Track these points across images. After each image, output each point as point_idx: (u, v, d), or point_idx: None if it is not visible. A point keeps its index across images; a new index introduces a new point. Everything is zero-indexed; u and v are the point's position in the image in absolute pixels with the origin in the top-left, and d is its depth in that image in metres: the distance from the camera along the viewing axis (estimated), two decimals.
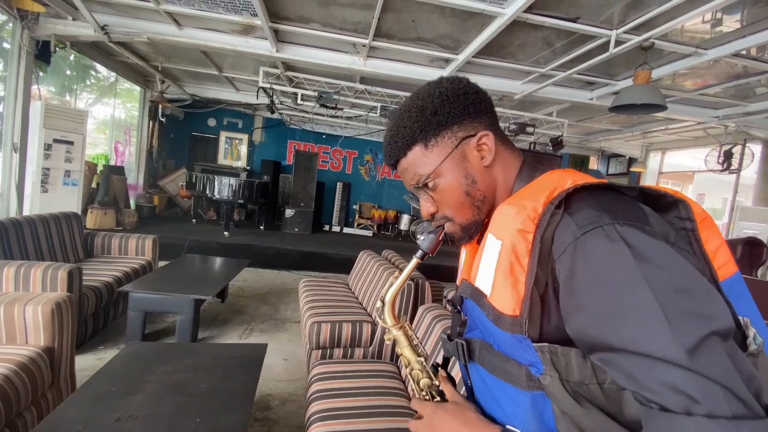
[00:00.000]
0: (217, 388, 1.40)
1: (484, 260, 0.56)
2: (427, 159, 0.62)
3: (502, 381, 0.54)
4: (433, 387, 0.68)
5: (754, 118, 4.98)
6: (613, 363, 0.43)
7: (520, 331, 0.49)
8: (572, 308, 0.47)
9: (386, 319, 0.71)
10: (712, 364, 0.38)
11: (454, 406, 0.62)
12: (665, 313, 0.40)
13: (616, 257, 0.44)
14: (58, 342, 1.66)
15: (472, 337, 0.62)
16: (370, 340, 2.49)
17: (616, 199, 0.50)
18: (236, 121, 8.76)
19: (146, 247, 3.51)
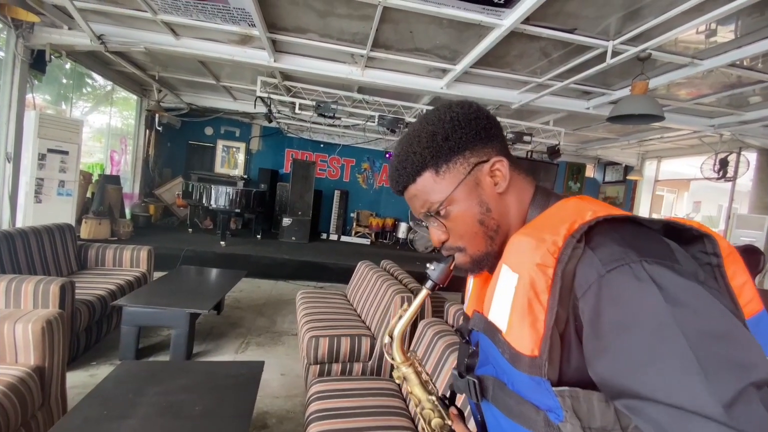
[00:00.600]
0: (211, 411, 1.36)
1: (498, 293, 0.53)
2: (438, 186, 0.59)
3: (517, 423, 0.51)
4: (446, 427, 0.64)
5: (749, 127, 5.02)
6: (642, 412, 0.40)
7: (539, 374, 0.46)
8: (597, 351, 0.43)
9: (395, 355, 0.67)
10: (749, 420, 0.35)
11: None
12: (700, 363, 0.37)
13: (646, 299, 0.41)
14: (48, 361, 1.61)
15: (484, 374, 0.58)
16: (369, 355, 2.45)
17: (641, 233, 0.48)
18: (233, 129, 8.74)
19: (141, 258, 3.46)
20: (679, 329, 0.38)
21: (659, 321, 0.40)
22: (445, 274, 0.62)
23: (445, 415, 0.65)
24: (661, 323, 0.39)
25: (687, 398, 0.37)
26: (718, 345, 0.38)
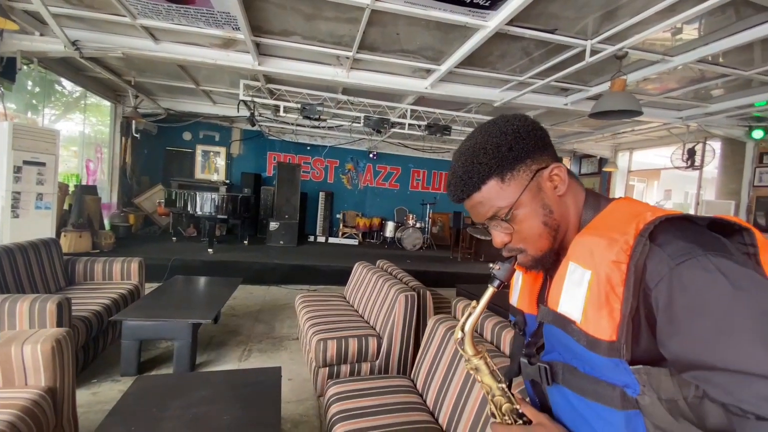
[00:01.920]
0: (239, 420, 1.37)
1: (568, 288, 0.59)
2: (504, 192, 0.64)
3: (593, 402, 0.57)
4: (515, 411, 0.70)
5: (713, 118, 5.33)
6: (712, 380, 0.48)
7: (618, 356, 0.53)
8: (671, 333, 0.51)
9: (467, 349, 0.72)
10: None
11: (542, 427, 0.64)
12: (762, 334, 0.45)
13: (715, 286, 0.48)
14: (60, 382, 1.57)
15: (552, 360, 0.64)
16: (376, 355, 2.49)
17: (697, 230, 0.55)
18: (213, 134, 8.57)
19: (132, 270, 3.37)
20: (745, 309, 0.46)
21: (728, 304, 0.47)
22: (510, 272, 0.68)
23: (514, 400, 0.70)
24: (730, 306, 0.47)
25: (753, 364, 0.45)
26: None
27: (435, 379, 1.74)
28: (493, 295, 0.68)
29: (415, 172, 9.66)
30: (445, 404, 1.61)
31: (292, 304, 4.37)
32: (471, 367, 0.73)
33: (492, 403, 0.72)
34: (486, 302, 0.69)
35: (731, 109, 4.91)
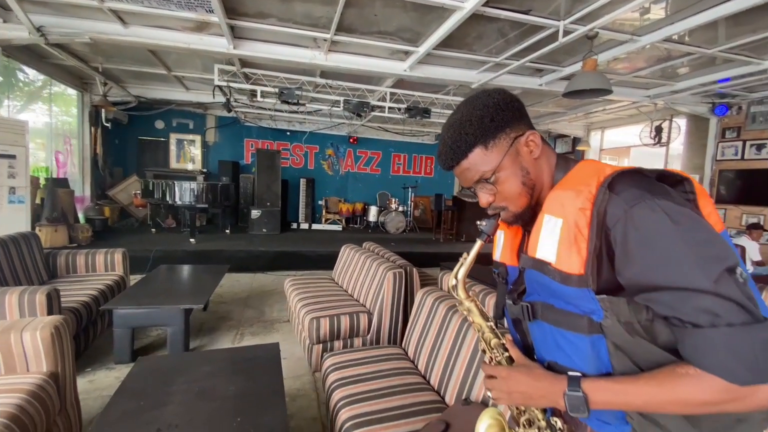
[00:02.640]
0: (245, 391, 1.44)
1: (544, 236, 0.69)
2: (487, 158, 0.73)
3: (566, 330, 0.68)
4: (501, 345, 0.80)
5: (679, 96, 5.59)
6: (658, 299, 0.59)
7: (586, 286, 0.64)
8: (626, 263, 0.62)
9: (460, 293, 0.82)
10: (728, 289, 0.55)
11: (525, 367, 0.75)
12: (696, 259, 0.56)
13: (659, 223, 0.59)
14: (60, 366, 1.60)
15: (532, 300, 0.75)
16: (367, 330, 2.59)
17: (647, 180, 0.66)
18: (186, 121, 8.33)
19: (116, 261, 3.34)
20: (683, 240, 0.58)
21: (670, 236, 0.58)
22: (494, 227, 0.78)
23: (501, 336, 0.81)
24: (671, 237, 0.58)
25: (690, 281, 0.56)
26: (706, 247, 0.58)
27: (425, 346, 1.86)
28: (481, 248, 0.78)
29: (396, 156, 9.71)
30: (435, 367, 1.74)
31: (280, 289, 4.43)
32: (464, 309, 0.83)
33: (483, 340, 0.83)
34: (476, 253, 0.79)
35: (696, 87, 5.16)
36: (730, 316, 0.54)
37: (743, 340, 0.53)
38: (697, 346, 0.56)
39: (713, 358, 0.55)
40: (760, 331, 0.53)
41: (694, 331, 0.56)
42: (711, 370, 0.55)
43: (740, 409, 0.56)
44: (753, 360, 0.53)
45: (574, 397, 0.65)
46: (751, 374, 0.53)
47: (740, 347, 0.53)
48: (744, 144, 5.88)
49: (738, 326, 0.53)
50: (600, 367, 0.66)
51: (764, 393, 0.54)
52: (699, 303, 0.55)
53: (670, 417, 0.63)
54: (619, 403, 0.63)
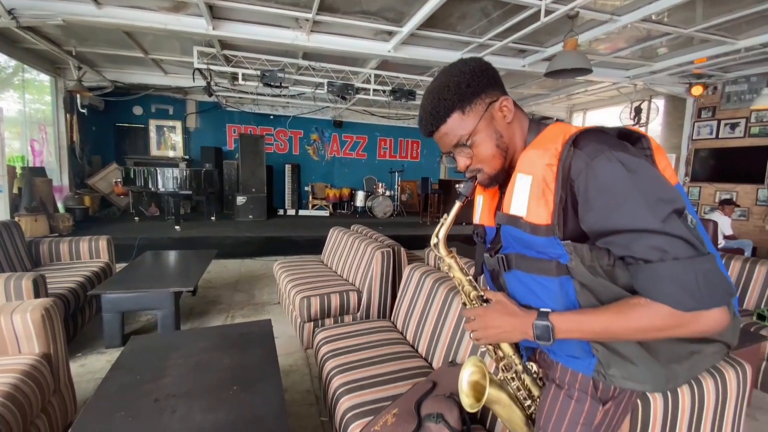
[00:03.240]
0: (240, 363, 1.48)
1: (517, 193, 0.75)
2: (464, 123, 0.78)
3: (537, 275, 0.75)
4: (479, 296, 0.87)
5: (657, 76, 5.71)
6: (615, 241, 0.66)
7: (553, 234, 0.70)
8: (587, 210, 0.68)
9: (441, 251, 0.87)
10: (675, 228, 0.62)
11: (499, 303, 0.81)
12: (647, 202, 0.63)
13: (616, 172, 0.66)
14: (53, 348, 1.61)
15: (507, 253, 0.81)
16: (357, 307, 2.66)
17: (608, 137, 0.72)
18: (166, 107, 8.11)
19: (101, 248, 3.30)
20: (635, 186, 0.64)
21: (624, 184, 0.65)
22: (472, 189, 0.83)
23: (479, 288, 0.87)
24: (625, 185, 0.64)
25: (641, 223, 0.63)
26: (656, 192, 0.64)
27: (413, 317, 1.93)
28: (460, 209, 0.83)
29: (381, 140, 9.69)
30: (423, 336, 1.81)
31: (269, 274, 4.45)
32: (445, 265, 0.89)
33: (463, 293, 0.89)
34: (455, 213, 0.84)
35: (673, 67, 5.28)
36: (677, 251, 0.61)
37: (687, 271, 0.60)
38: (648, 279, 0.63)
39: (661, 288, 0.62)
40: (702, 263, 0.61)
41: (645, 267, 0.63)
42: (659, 299, 0.62)
43: (685, 333, 0.63)
44: (695, 288, 0.60)
45: (542, 326, 0.72)
46: (694, 301, 0.60)
47: (684, 277, 0.60)
48: (719, 123, 6.07)
49: (683, 259, 0.60)
50: (568, 304, 0.73)
51: (706, 319, 0.61)
52: (649, 242, 0.62)
53: (631, 347, 0.70)
54: (581, 330, 0.70)
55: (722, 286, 0.61)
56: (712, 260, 0.62)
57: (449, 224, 0.86)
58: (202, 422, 1.13)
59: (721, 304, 0.61)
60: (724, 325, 0.62)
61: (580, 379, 0.76)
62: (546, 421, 0.80)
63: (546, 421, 0.80)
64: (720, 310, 0.61)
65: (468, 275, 0.89)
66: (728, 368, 1.35)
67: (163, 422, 1.13)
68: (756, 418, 2.05)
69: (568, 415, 0.77)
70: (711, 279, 0.61)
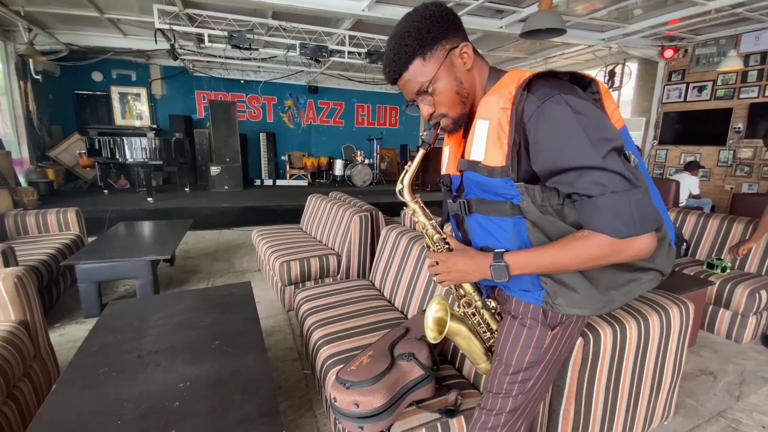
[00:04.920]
0: (221, 321, 1.53)
1: (476, 139, 0.78)
2: (425, 69, 0.80)
3: (494, 217, 0.81)
4: (442, 239, 0.92)
5: (632, 38, 5.75)
6: (562, 180, 0.72)
7: (507, 175, 0.75)
8: (537, 151, 0.73)
9: (406, 197, 0.92)
10: (613, 164, 0.68)
11: (461, 251, 0.88)
12: (590, 141, 0.68)
13: (563, 113, 0.70)
14: (29, 315, 1.60)
15: (468, 198, 0.86)
16: (337, 270, 2.72)
17: (559, 81, 0.76)
18: (128, 72, 7.64)
19: (70, 221, 3.21)
20: (580, 127, 0.69)
21: (570, 124, 0.69)
22: (434, 136, 0.87)
23: (442, 232, 0.93)
24: (571, 125, 0.69)
25: (585, 160, 0.68)
26: (598, 131, 0.69)
27: (390, 275, 2.01)
28: (423, 156, 0.87)
29: (359, 107, 9.49)
30: (399, 291, 1.89)
31: (248, 243, 4.45)
32: (410, 210, 0.94)
33: (427, 236, 0.95)
34: (419, 160, 0.88)
35: (647, 29, 5.32)
36: (614, 185, 0.67)
37: (622, 202, 0.67)
38: (590, 212, 0.70)
39: (600, 219, 0.69)
40: (635, 194, 0.67)
41: (588, 201, 0.69)
42: (599, 229, 0.69)
43: (622, 259, 0.71)
44: (629, 217, 0.67)
45: (498, 267, 0.78)
46: (628, 228, 0.68)
47: (620, 208, 0.67)
48: (687, 86, 6.23)
49: (619, 192, 0.67)
50: (520, 244, 0.79)
51: (639, 243, 0.69)
52: (591, 178, 0.68)
53: (575, 279, 0.78)
54: (532, 265, 0.77)
55: (651, 215, 0.69)
56: (643, 192, 0.68)
57: (413, 171, 0.90)
58: (186, 373, 1.18)
59: (650, 230, 0.69)
60: (652, 248, 0.70)
61: (531, 309, 0.85)
62: (502, 347, 0.89)
63: (502, 348, 0.89)
64: (649, 236, 0.69)
65: (432, 219, 0.94)
66: (673, 306, 1.49)
67: (147, 375, 1.18)
68: (700, 354, 2.28)
69: (521, 340, 0.86)
70: (642, 208, 0.68)
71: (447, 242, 0.92)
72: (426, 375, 1.15)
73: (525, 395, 0.88)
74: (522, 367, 0.87)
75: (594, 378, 1.30)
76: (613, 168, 0.67)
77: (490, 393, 0.91)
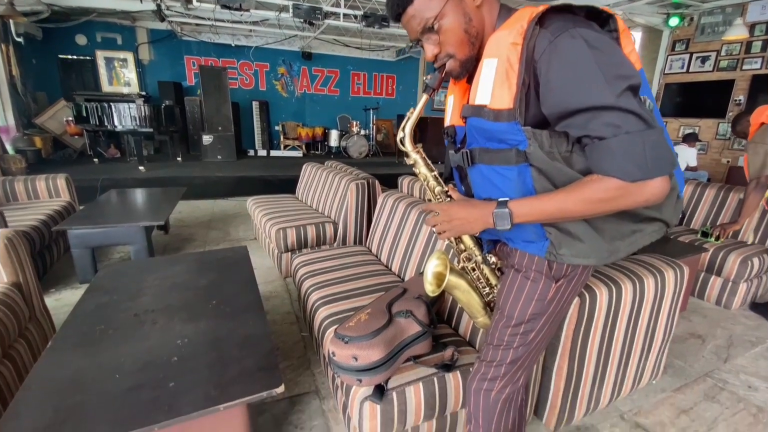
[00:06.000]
0: (218, 282, 1.52)
1: (482, 80, 0.74)
2: (432, 3, 0.75)
3: (497, 166, 0.77)
4: (443, 192, 0.90)
5: (637, 5, 5.56)
6: (573, 123, 0.68)
7: (514, 119, 0.71)
8: (548, 91, 0.69)
9: (407, 145, 0.88)
10: (628, 103, 0.64)
11: (463, 200, 0.85)
12: (605, 78, 0.64)
13: (577, 48, 0.66)
14: (22, 277, 1.58)
15: (472, 147, 0.83)
16: (334, 238, 2.71)
17: (573, 15, 0.71)
18: (113, 36, 7.30)
19: (60, 187, 3.14)
20: (596, 63, 0.65)
21: (585, 60, 0.65)
22: (438, 80, 0.82)
23: (443, 184, 0.90)
24: (586, 61, 0.65)
25: (598, 99, 0.64)
26: (615, 68, 0.65)
27: (387, 240, 2.00)
28: (426, 101, 0.83)
29: (355, 75, 9.22)
30: (396, 255, 1.89)
31: (243, 213, 4.41)
32: (411, 161, 0.91)
33: (428, 188, 0.93)
34: (421, 107, 0.84)
35: None
36: (629, 125, 0.64)
37: (636, 143, 0.64)
38: (601, 155, 0.66)
39: (611, 162, 0.65)
40: (650, 135, 0.64)
41: (599, 144, 0.66)
42: (609, 172, 0.66)
43: (632, 204, 0.68)
44: (643, 159, 0.64)
45: (501, 213, 0.76)
46: (640, 171, 0.65)
47: (634, 150, 0.64)
48: (690, 56, 6.10)
49: (634, 133, 0.64)
50: (525, 192, 0.76)
51: (650, 188, 0.66)
52: (605, 119, 0.64)
53: (580, 227, 0.76)
54: (537, 212, 0.74)
55: (666, 157, 0.65)
56: (659, 133, 0.65)
57: (415, 118, 0.86)
58: (184, 331, 1.18)
59: (664, 173, 0.66)
60: (664, 193, 0.67)
61: (536, 261, 0.83)
62: (504, 300, 0.89)
63: (504, 301, 0.88)
64: (662, 180, 0.66)
65: (433, 171, 0.91)
66: (668, 269, 1.50)
67: (144, 332, 1.17)
68: (690, 319, 2.34)
69: (524, 293, 0.85)
70: (657, 149, 0.64)
71: (449, 195, 0.90)
72: (423, 331, 1.16)
73: (526, 347, 0.88)
74: (524, 320, 0.86)
75: (588, 336, 1.32)
76: (628, 107, 0.63)
77: (491, 345, 0.91)
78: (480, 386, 0.94)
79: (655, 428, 1.49)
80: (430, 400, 1.13)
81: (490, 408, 0.93)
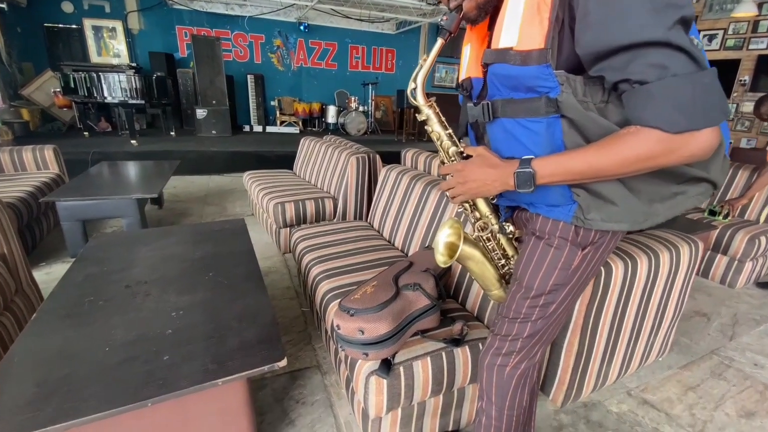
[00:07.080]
0: (215, 253, 1.45)
1: (507, 19, 0.66)
2: None
3: (523, 119, 0.69)
4: (458, 153, 0.82)
5: None
6: (610, 65, 0.58)
7: (545, 61, 0.63)
8: (585, 26, 0.59)
9: (419, 99, 0.79)
10: (679, 38, 0.55)
11: (479, 156, 0.76)
12: (653, 6, 0.54)
13: None
14: (7, 248, 1.50)
15: (494, 99, 0.74)
16: (333, 213, 2.63)
17: None
18: (101, 3, 6.96)
19: (47, 159, 3.02)
20: None
21: None
22: (456, 22, 0.73)
23: (458, 143, 0.82)
24: None
25: (645, 33, 0.54)
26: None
27: (390, 215, 1.93)
28: (442, 47, 0.73)
29: (353, 48, 8.92)
30: (399, 231, 1.82)
31: (239, 189, 4.31)
32: (423, 117, 0.82)
33: (441, 149, 0.84)
34: (435, 53, 0.75)
35: None
36: (677, 66, 0.54)
37: (685, 87, 0.54)
38: (641, 102, 0.57)
39: (653, 109, 0.56)
40: (702, 77, 0.55)
41: (640, 89, 0.56)
42: (650, 122, 0.57)
43: (676, 160, 0.59)
44: (691, 105, 0.54)
45: (524, 173, 0.67)
46: (687, 120, 0.55)
47: (681, 94, 0.54)
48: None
49: (683, 75, 0.54)
50: (553, 148, 0.68)
51: (696, 140, 0.56)
52: (648, 58, 0.55)
53: (614, 188, 0.68)
54: (564, 171, 0.65)
55: (718, 104, 0.56)
56: (712, 75, 0.56)
57: (428, 66, 0.77)
58: (179, 302, 1.11)
59: (715, 123, 0.56)
60: (713, 147, 0.58)
61: (561, 227, 0.75)
62: (524, 270, 0.81)
63: (523, 271, 0.81)
64: (712, 131, 0.56)
65: (448, 129, 0.82)
66: (684, 244, 1.45)
67: (137, 303, 1.11)
68: (694, 297, 2.31)
69: (546, 262, 0.78)
70: (709, 94, 0.55)
71: (464, 155, 0.81)
72: (432, 305, 1.10)
73: (545, 320, 0.82)
74: (545, 290, 0.79)
75: (601, 312, 1.28)
76: (680, 43, 0.53)
77: (506, 318, 0.85)
78: (494, 361, 0.88)
79: (662, 405, 1.47)
80: (438, 376, 1.09)
81: (504, 384, 0.88)
